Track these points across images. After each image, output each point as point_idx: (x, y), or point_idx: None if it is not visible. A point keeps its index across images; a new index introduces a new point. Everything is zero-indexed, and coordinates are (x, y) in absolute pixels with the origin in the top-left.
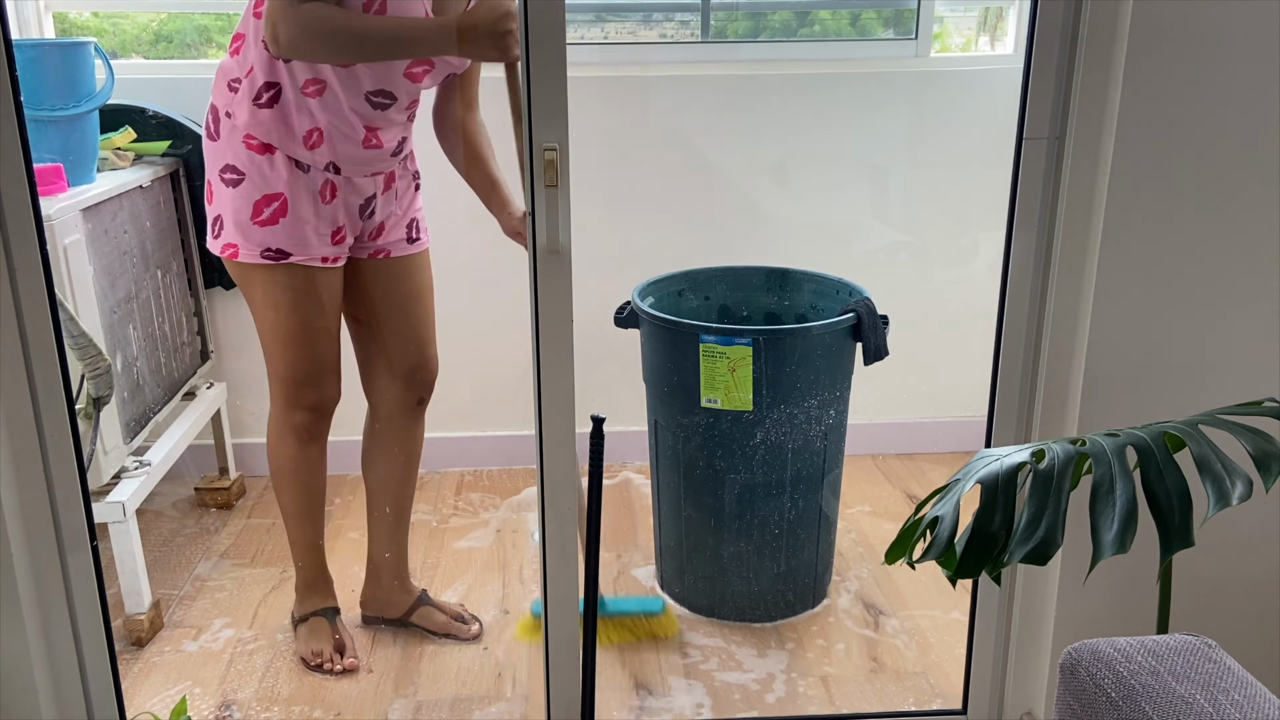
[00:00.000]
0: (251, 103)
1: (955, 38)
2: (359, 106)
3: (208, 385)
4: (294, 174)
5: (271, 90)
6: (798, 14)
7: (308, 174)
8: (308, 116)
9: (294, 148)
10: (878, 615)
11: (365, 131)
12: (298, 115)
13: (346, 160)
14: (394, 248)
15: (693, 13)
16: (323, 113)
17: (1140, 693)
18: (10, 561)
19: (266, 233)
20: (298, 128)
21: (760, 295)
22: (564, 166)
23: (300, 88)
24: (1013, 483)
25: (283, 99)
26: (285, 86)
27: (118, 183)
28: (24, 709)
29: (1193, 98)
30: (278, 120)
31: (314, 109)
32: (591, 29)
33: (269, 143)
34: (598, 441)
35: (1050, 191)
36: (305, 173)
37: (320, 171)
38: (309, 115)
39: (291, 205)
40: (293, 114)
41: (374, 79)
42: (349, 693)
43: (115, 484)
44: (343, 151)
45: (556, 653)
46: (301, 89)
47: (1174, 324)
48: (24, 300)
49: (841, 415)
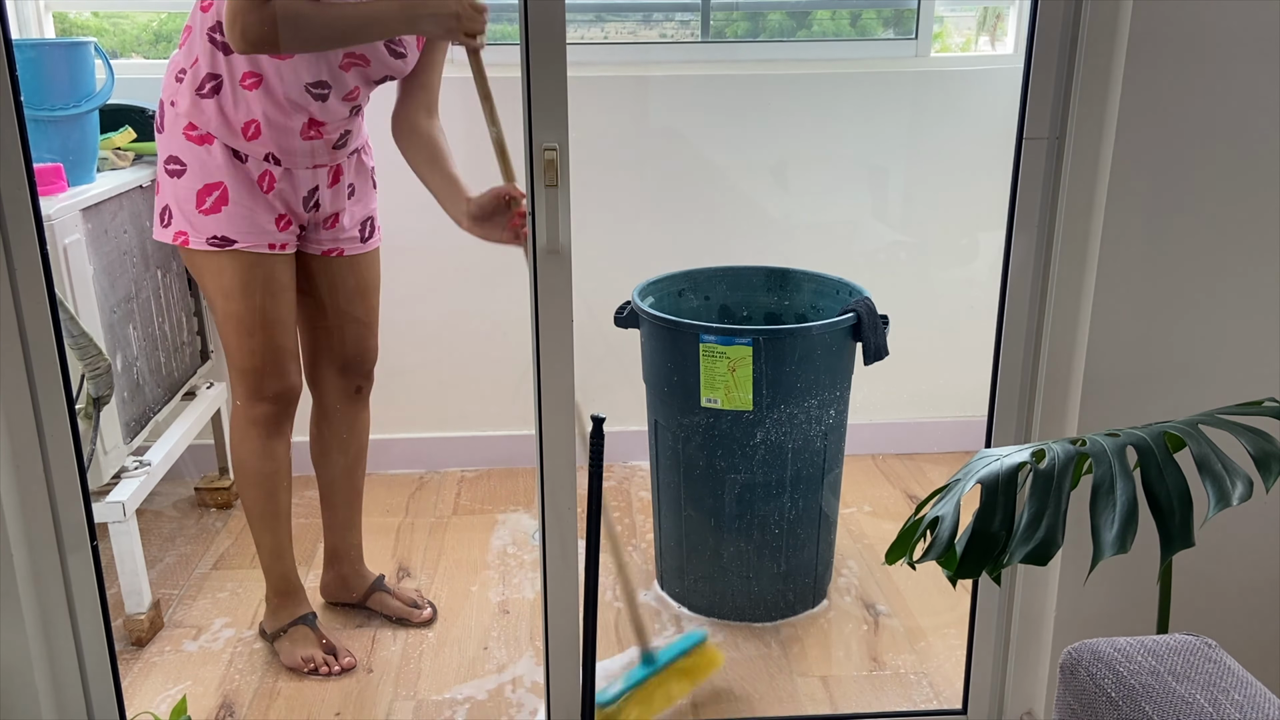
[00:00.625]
0: (194, 93)
1: (955, 38)
2: (298, 97)
3: (208, 385)
4: (232, 163)
5: (214, 81)
6: (798, 14)
7: (245, 164)
8: (245, 108)
9: (232, 138)
10: (878, 615)
11: (305, 122)
12: (236, 107)
13: (285, 152)
14: (347, 246)
15: (693, 13)
16: (260, 104)
17: (1140, 693)
18: (10, 561)
19: (210, 221)
20: (236, 119)
21: (760, 295)
22: (564, 166)
23: (239, 80)
24: (1013, 483)
25: (223, 91)
26: (224, 79)
27: (118, 183)
28: (24, 709)
29: (1193, 98)
30: (217, 110)
31: (251, 101)
32: (591, 29)
33: (208, 133)
34: (598, 441)
35: (1050, 191)
36: (243, 163)
37: (259, 162)
38: (246, 107)
39: (232, 193)
40: (231, 106)
41: (311, 70)
42: (349, 692)
43: (115, 484)
44: (281, 143)
45: (556, 653)
46: (240, 81)
47: (1174, 324)
48: (24, 300)
49: (841, 415)
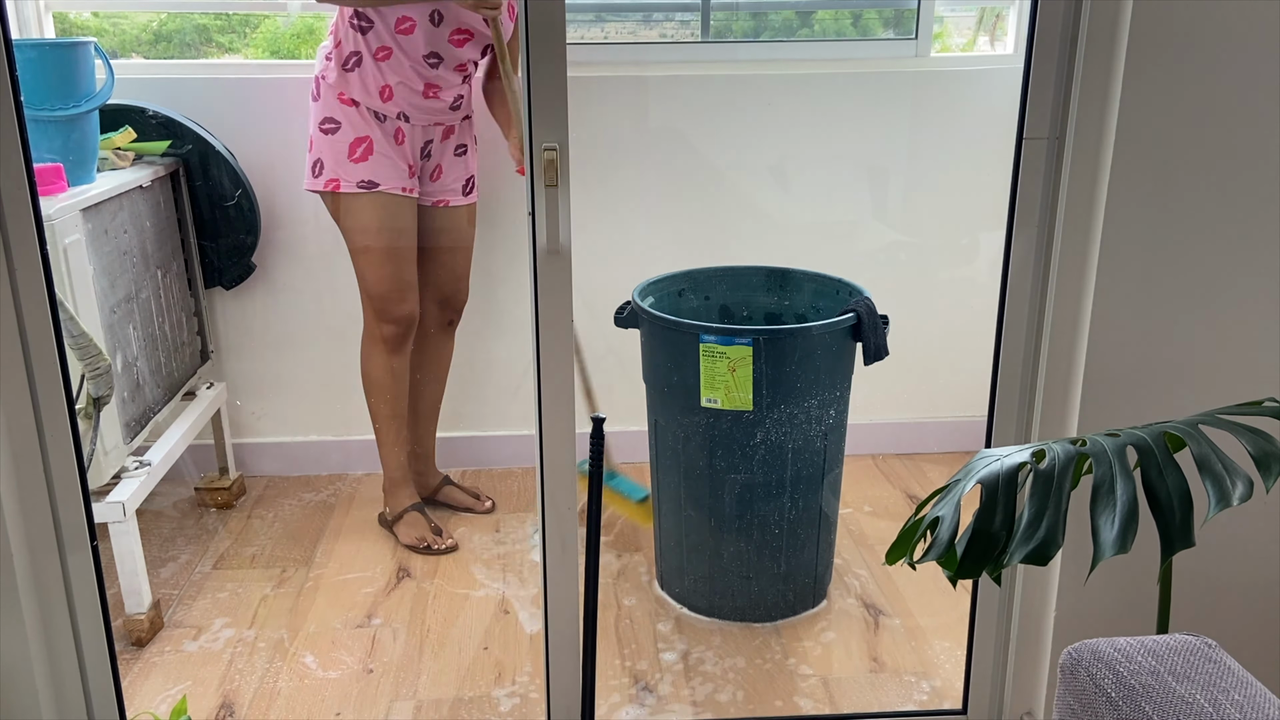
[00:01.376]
0: (340, 68)
1: (955, 38)
2: (418, 67)
3: (208, 385)
4: (374, 122)
5: (355, 57)
6: (798, 14)
7: (384, 123)
8: (380, 76)
9: (372, 101)
10: (878, 615)
11: (424, 86)
12: (374, 76)
13: (412, 109)
14: (451, 197)
15: (693, 13)
16: (391, 73)
17: (1140, 693)
18: (10, 561)
19: (360, 168)
20: (373, 85)
21: (760, 295)
22: (564, 166)
23: (374, 55)
24: (1013, 483)
25: (363, 64)
26: (364, 54)
27: (118, 183)
28: (24, 709)
29: (1193, 98)
30: (359, 80)
31: (385, 70)
32: (591, 29)
33: (353, 98)
34: (598, 441)
35: (1050, 191)
36: (382, 122)
37: (393, 120)
38: (380, 75)
39: (376, 145)
40: (371, 75)
41: (428, 44)
42: (349, 692)
43: (115, 484)
44: (409, 102)
45: (556, 653)
46: (375, 55)
47: (1174, 324)
48: (24, 300)
49: (841, 415)
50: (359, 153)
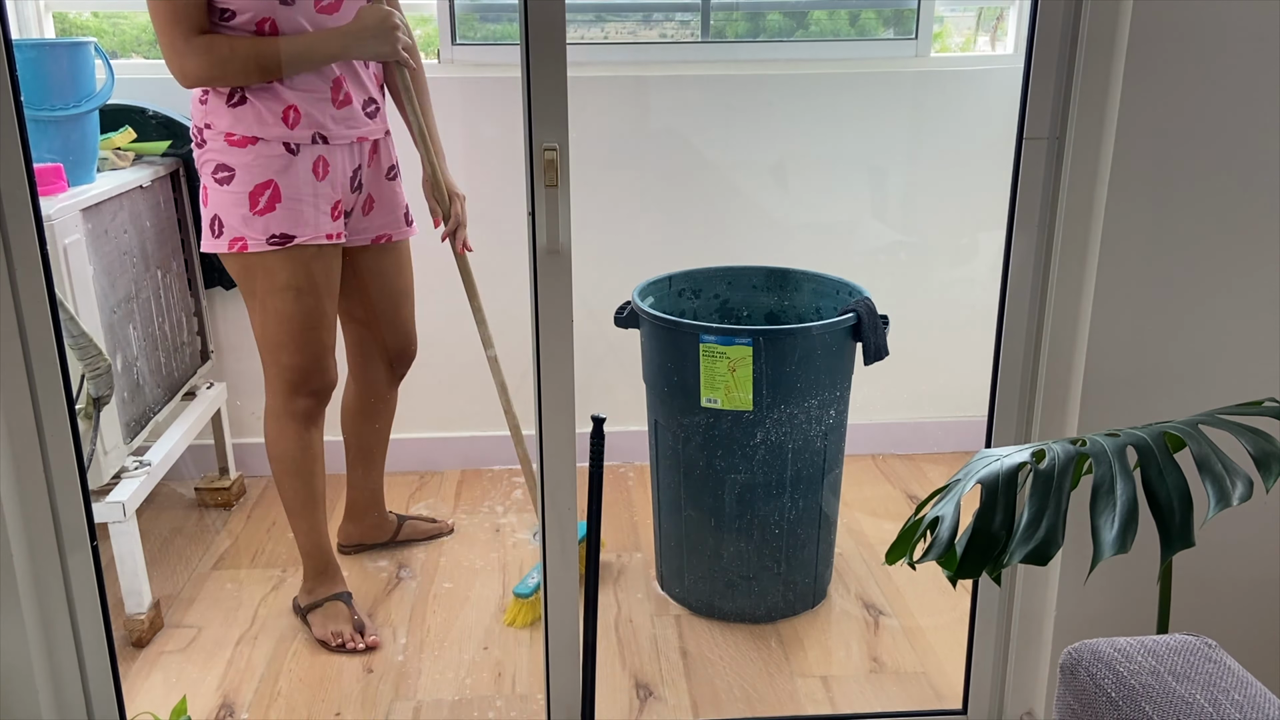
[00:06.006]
0: (226, 106)
1: (955, 38)
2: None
3: (208, 385)
4: (283, 158)
5: (240, 89)
6: (797, 14)
7: (298, 154)
8: (277, 98)
9: (277, 131)
10: (878, 615)
11: (331, 87)
12: (269, 101)
13: (328, 122)
14: (394, 231)
15: (693, 13)
16: (289, 90)
17: (1140, 693)
18: (10, 561)
19: (268, 220)
20: (273, 112)
21: (760, 295)
22: (564, 166)
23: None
24: (1013, 483)
25: (253, 91)
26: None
27: (118, 183)
28: (24, 709)
29: (1193, 98)
30: (253, 113)
31: (280, 89)
32: (591, 29)
33: (251, 135)
34: (598, 441)
35: (1050, 191)
36: (295, 154)
37: (309, 147)
38: (278, 96)
39: (283, 189)
40: (266, 101)
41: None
42: (349, 692)
43: (115, 484)
44: (322, 117)
45: (556, 653)
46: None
47: (1174, 324)
48: (24, 300)
49: (841, 415)
50: (262, 202)
